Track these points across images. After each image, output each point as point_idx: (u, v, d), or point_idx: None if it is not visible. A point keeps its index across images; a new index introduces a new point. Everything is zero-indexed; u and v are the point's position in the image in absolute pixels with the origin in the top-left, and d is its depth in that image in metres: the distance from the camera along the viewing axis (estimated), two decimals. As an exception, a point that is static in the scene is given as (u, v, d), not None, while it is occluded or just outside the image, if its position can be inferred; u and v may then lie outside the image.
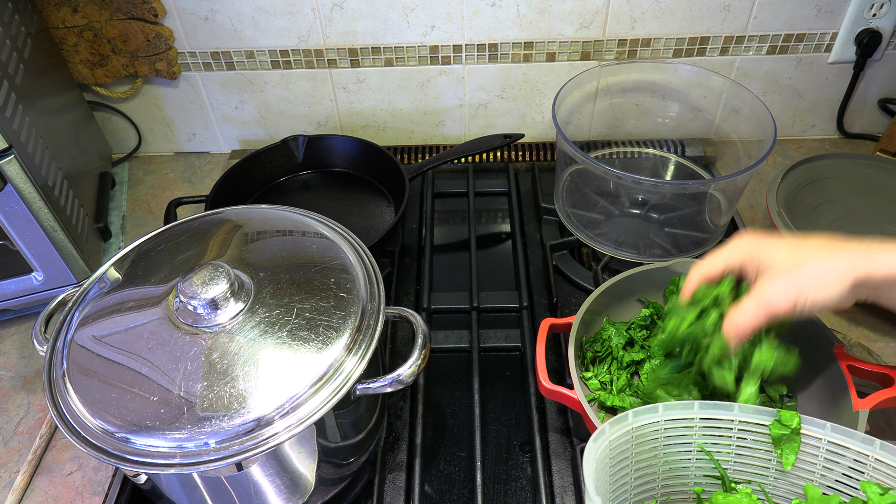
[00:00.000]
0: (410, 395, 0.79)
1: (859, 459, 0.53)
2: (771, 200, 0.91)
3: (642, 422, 0.54)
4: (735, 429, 0.56)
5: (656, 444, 0.56)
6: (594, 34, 1.01)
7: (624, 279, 0.77)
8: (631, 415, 0.54)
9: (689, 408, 0.55)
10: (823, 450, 0.55)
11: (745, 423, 0.56)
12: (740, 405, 0.56)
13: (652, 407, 0.54)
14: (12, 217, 0.78)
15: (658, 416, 0.54)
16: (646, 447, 0.55)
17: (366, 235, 0.92)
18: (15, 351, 0.86)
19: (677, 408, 0.55)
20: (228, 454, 0.52)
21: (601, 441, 0.51)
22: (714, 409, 0.56)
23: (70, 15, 0.96)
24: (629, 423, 0.54)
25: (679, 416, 0.55)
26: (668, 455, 0.57)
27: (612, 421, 0.53)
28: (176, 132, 1.15)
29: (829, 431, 0.54)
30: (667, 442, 0.56)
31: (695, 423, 0.56)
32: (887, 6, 0.96)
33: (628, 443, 0.54)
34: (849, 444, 0.54)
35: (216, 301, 0.58)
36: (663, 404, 0.55)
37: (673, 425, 0.55)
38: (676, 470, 0.57)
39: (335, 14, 0.98)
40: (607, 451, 0.52)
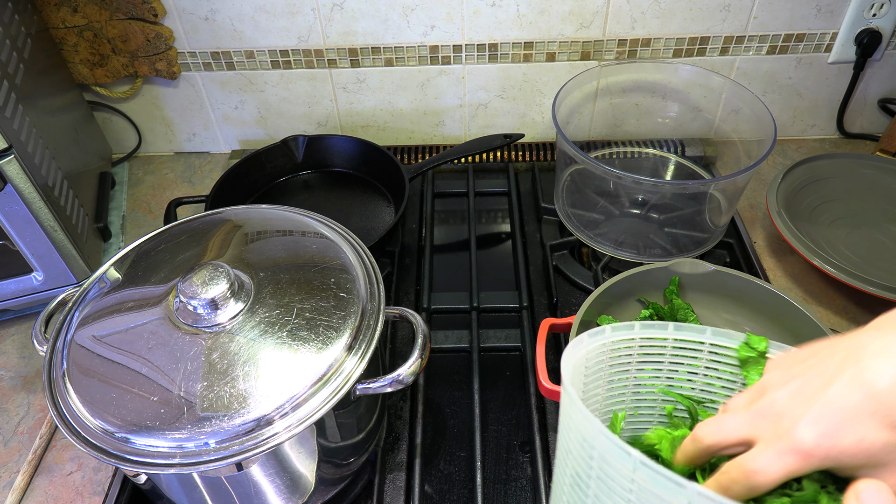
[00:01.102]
0: (410, 395, 0.79)
1: None
2: (771, 200, 0.91)
3: (618, 337, 0.55)
4: (706, 351, 0.57)
5: (630, 361, 0.57)
6: (594, 34, 1.01)
7: (624, 279, 0.77)
8: (609, 329, 0.55)
9: (664, 328, 0.56)
10: None
11: (715, 346, 0.57)
12: (713, 328, 0.57)
13: (629, 324, 0.56)
14: (12, 217, 0.78)
15: (634, 333, 0.56)
16: (620, 361, 0.57)
17: (366, 235, 0.92)
18: (15, 351, 0.86)
19: (653, 327, 0.56)
20: (228, 454, 0.52)
21: (580, 349, 0.53)
22: (687, 331, 0.57)
23: (70, 15, 0.96)
24: (606, 337, 0.55)
25: (654, 335, 0.56)
26: (640, 372, 0.58)
27: (591, 332, 0.54)
28: (176, 132, 1.15)
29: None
30: (640, 359, 0.57)
31: (668, 344, 0.57)
32: (887, 6, 0.96)
33: (603, 355, 0.55)
34: None
35: (216, 301, 0.58)
36: (640, 323, 0.56)
37: (647, 343, 0.57)
38: (646, 387, 0.59)
39: (335, 14, 0.98)
40: (583, 360, 0.53)
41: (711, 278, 0.77)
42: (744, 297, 0.77)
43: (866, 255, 0.88)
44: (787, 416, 0.40)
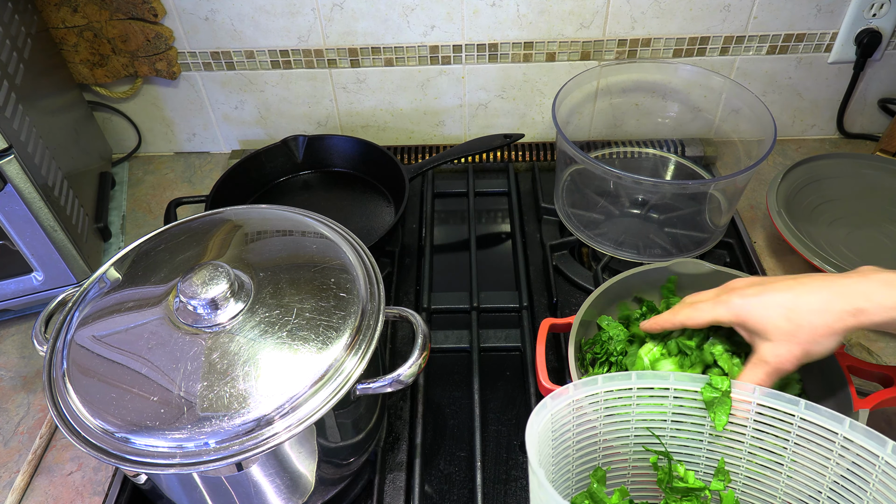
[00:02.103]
0: (410, 395, 0.79)
1: (785, 420, 0.55)
2: (771, 200, 0.91)
3: (581, 394, 0.56)
4: (671, 396, 0.58)
5: (596, 415, 0.57)
6: (594, 34, 1.01)
7: (624, 279, 0.77)
8: (571, 388, 0.55)
9: (628, 378, 0.57)
10: (753, 412, 0.56)
11: (680, 391, 0.57)
12: (675, 374, 0.57)
13: (592, 379, 0.56)
14: (12, 217, 0.78)
15: (598, 387, 0.56)
16: (586, 418, 0.57)
17: (366, 235, 0.92)
18: (15, 351, 0.86)
19: (617, 379, 0.57)
20: (228, 454, 0.52)
21: (543, 414, 0.53)
22: (651, 378, 0.57)
23: (70, 15, 0.96)
24: (569, 396, 0.55)
25: (618, 387, 0.57)
26: (608, 425, 0.58)
27: (553, 395, 0.54)
28: (176, 132, 1.15)
29: (758, 395, 0.56)
30: (606, 413, 0.58)
31: (633, 394, 0.57)
32: (887, 6, 0.96)
33: (569, 415, 0.55)
34: (777, 405, 0.55)
35: (216, 301, 0.58)
36: (602, 376, 0.56)
37: (612, 396, 0.57)
38: (616, 439, 0.59)
39: (335, 14, 0.98)
40: (549, 424, 0.54)
41: (711, 278, 0.77)
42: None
43: (866, 255, 0.88)
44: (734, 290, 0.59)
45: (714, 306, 0.60)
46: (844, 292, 0.54)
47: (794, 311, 0.55)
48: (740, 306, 0.58)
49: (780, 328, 0.56)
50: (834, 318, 0.54)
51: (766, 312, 0.56)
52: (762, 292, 0.58)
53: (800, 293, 0.56)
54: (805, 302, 0.55)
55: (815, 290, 0.55)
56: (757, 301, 0.57)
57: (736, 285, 0.61)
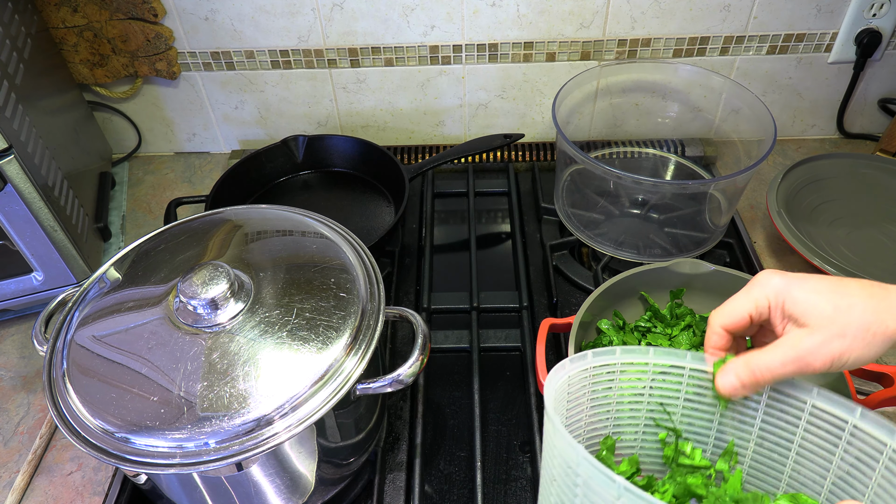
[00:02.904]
0: (410, 395, 0.79)
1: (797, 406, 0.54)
2: (771, 200, 0.91)
3: (600, 362, 0.56)
4: (686, 376, 0.57)
5: (611, 385, 0.57)
6: (594, 34, 1.01)
7: (624, 279, 0.77)
8: (590, 355, 0.55)
9: (645, 353, 0.57)
10: (765, 397, 0.55)
11: (694, 370, 0.57)
12: (692, 353, 0.57)
13: (610, 349, 0.56)
14: (12, 217, 0.78)
15: (615, 357, 0.56)
16: (602, 386, 0.57)
17: (366, 235, 0.92)
18: (15, 351, 0.86)
19: (634, 352, 0.57)
20: (228, 454, 0.52)
21: (561, 374, 0.53)
22: (668, 356, 0.57)
23: (70, 15, 0.96)
24: (588, 362, 0.55)
25: (635, 360, 0.57)
26: (621, 396, 0.58)
27: (573, 358, 0.54)
28: (176, 132, 1.15)
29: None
30: (621, 384, 0.58)
31: (649, 368, 0.57)
32: (887, 6, 0.96)
33: (585, 380, 0.55)
34: (789, 391, 0.54)
35: (216, 301, 0.58)
36: (620, 348, 0.56)
37: (628, 369, 0.57)
38: (629, 410, 0.59)
39: (335, 14, 0.98)
40: (566, 385, 0.54)
41: (711, 278, 0.77)
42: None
43: (866, 255, 0.88)
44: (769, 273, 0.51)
45: (748, 291, 0.51)
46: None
47: (843, 299, 0.46)
48: (781, 285, 0.49)
49: (824, 313, 0.46)
50: (889, 318, 0.46)
51: (809, 293, 0.47)
52: (802, 275, 0.49)
53: (848, 284, 0.47)
54: (855, 293, 0.46)
55: (866, 286, 0.47)
56: (800, 281, 0.48)
57: (766, 271, 0.52)
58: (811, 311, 0.47)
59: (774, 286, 0.50)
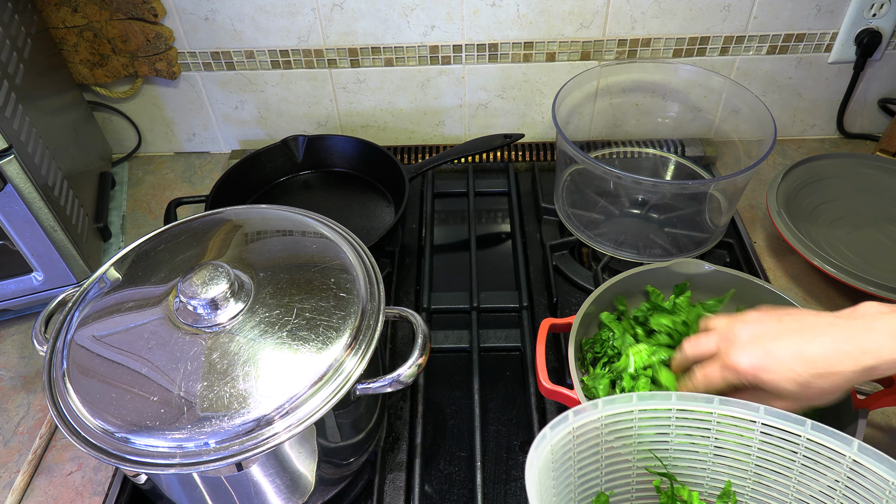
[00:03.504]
0: (410, 395, 0.79)
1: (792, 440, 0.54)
2: (771, 200, 0.91)
3: (582, 420, 0.54)
4: (673, 417, 0.57)
5: (597, 440, 0.56)
6: (594, 34, 1.01)
7: (624, 279, 0.77)
8: (571, 415, 0.54)
9: (628, 400, 0.56)
10: (759, 432, 0.55)
11: (682, 412, 0.57)
12: (677, 394, 0.57)
13: (592, 404, 0.55)
14: (12, 217, 0.78)
15: (598, 412, 0.55)
16: (588, 444, 0.56)
17: (366, 235, 0.92)
18: (15, 351, 0.86)
19: (616, 402, 0.55)
20: (228, 454, 0.52)
21: (543, 447, 0.51)
22: (653, 399, 0.56)
23: (70, 15, 0.96)
24: (570, 423, 0.54)
25: (619, 410, 0.56)
26: (609, 448, 0.57)
27: (552, 424, 0.53)
28: (176, 132, 1.15)
29: (763, 415, 0.55)
30: (608, 436, 0.57)
31: (634, 416, 0.56)
32: (887, 6, 0.96)
33: (570, 443, 0.54)
34: (782, 425, 0.54)
35: (216, 301, 0.58)
36: (602, 400, 0.55)
37: (612, 419, 0.56)
38: (619, 462, 0.58)
39: (335, 14, 0.98)
40: (549, 455, 0.52)
41: (711, 278, 0.77)
42: (744, 297, 0.77)
43: (866, 255, 0.88)
44: (739, 346, 0.58)
45: (723, 371, 0.59)
46: (853, 350, 0.53)
47: (802, 376, 0.55)
48: (749, 370, 0.57)
49: (789, 391, 0.56)
50: (843, 380, 0.54)
51: (773, 377, 0.56)
52: (767, 352, 0.57)
53: (805, 350, 0.55)
54: (815, 363, 0.54)
55: (823, 347, 0.55)
56: (764, 363, 0.56)
57: (740, 338, 0.59)
58: (778, 389, 0.56)
59: (743, 374, 0.58)
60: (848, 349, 0.53)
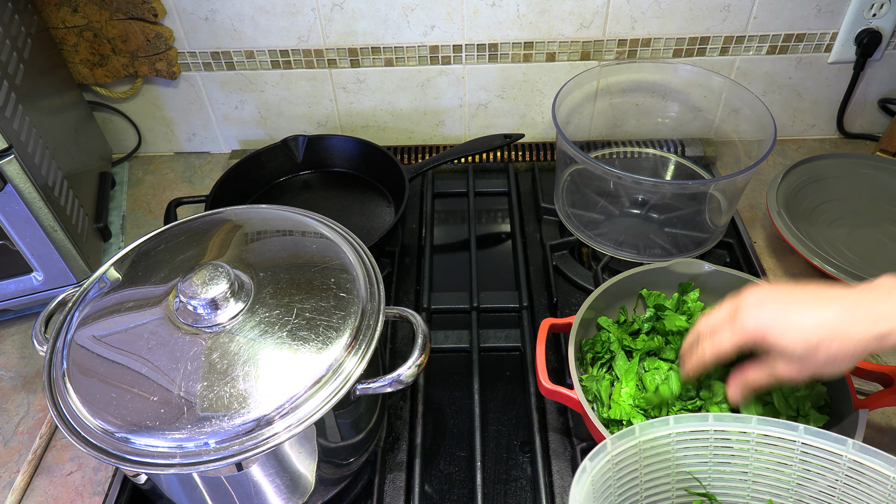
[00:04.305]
0: (410, 395, 0.79)
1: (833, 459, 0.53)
2: (771, 200, 0.91)
3: (621, 447, 0.54)
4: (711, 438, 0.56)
5: (636, 465, 0.55)
6: (594, 34, 1.01)
7: (624, 279, 0.77)
8: (609, 443, 0.53)
9: (665, 424, 0.55)
10: (799, 451, 0.55)
11: (720, 432, 0.56)
12: (714, 415, 0.56)
13: (629, 430, 0.54)
14: (12, 217, 0.78)
15: (636, 437, 0.54)
16: (627, 470, 0.55)
17: (366, 235, 0.92)
18: (15, 351, 0.86)
19: (654, 426, 0.55)
20: (228, 454, 0.52)
21: (584, 479, 0.50)
22: (690, 420, 0.56)
23: (70, 15, 0.96)
24: (608, 451, 0.53)
25: (657, 434, 0.55)
26: (648, 472, 0.56)
27: (592, 455, 0.52)
28: (176, 132, 1.15)
29: (802, 434, 0.54)
30: (646, 460, 0.56)
31: (671, 438, 0.56)
32: (887, 6, 0.96)
33: (609, 471, 0.53)
34: (823, 444, 0.54)
35: (216, 301, 0.58)
36: (639, 425, 0.54)
37: (650, 444, 0.55)
38: (658, 485, 0.57)
39: (335, 14, 0.98)
40: (590, 487, 0.51)
41: (711, 278, 0.77)
42: (744, 297, 0.77)
43: (866, 255, 0.88)
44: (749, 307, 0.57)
45: (732, 332, 0.57)
46: (866, 315, 0.52)
47: (812, 336, 0.53)
48: (757, 328, 0.56)
49: (797, 352, 0.54)
50: (855, 345, 0.52)
51: (783, 334, 0.54)
52: (779, 310, 0.55)
53: (819, 314, 0.53)
54: (825, 324, 0.53)
55: (835, 311, 0.53)
56: (773, 321, 0.55)
57: (749, 299, 0.58)
58: (785, 352, 0.55)
59: (751, 331, 0.56)
60: (861, 314, 0.52)
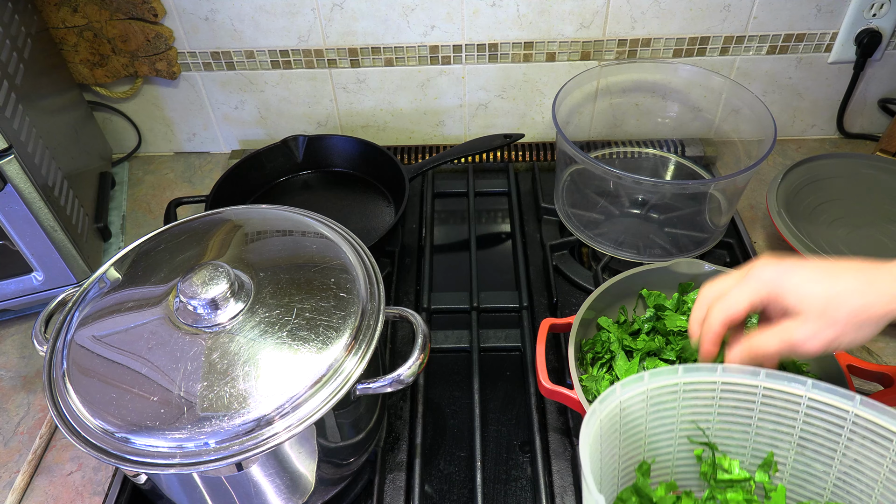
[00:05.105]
0: (410, 395, 0.79)
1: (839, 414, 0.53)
2: (771, 200, 0.91)
3: (629, 392, 0.54)
4: (717, 390, 0.56)
5: (642, 412, 0.56)
6: (594, 34, 1.01)
7: (624, 279, 0.77)
8: (618, 388, 0.53)
9: (674, 373, 0.55)
10: (804, 405, 0.54)
11: (727, 384, 0.56)
12: (723, 366, 0.55)
13: (638, 376, 0.54)
14: (12, 217, 0.78)
15: (644, 384, 0.54)
16: (633, 416, 0.56)
17: (366, 235, 0.92)
18: (15, 351, 0.86)
19: (662, 374, 0.55)
20: (228, 454, 0.52)
21: (593, 422, 0.51)
22: (698, 371, 0.55)
23: (70, 15, 0.96)
24: (617, 396, 0.53)
25: (665, 383, 0.55)
26: (653, 419, 0.57)
27: (601, 398, 0.53)
28: (176, 132, 1.15)
29: (810, 388, 0.53)
30: (652, 408, 0.56)
31: (679, 388, 0.56)
32: (887, 6, 0.96)
33: (617, 416, 0.54)
34: (829, 399, 0.53)
35: (216, 301, 0.58)
36: (649, 372, 0.54)
37: (658, 392, 0.55)
38: (662, 432, 0.58)
39: (335, 14, 0.98)
40: (598, 429, 0.52)
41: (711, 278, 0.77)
42: (744, 297, 0.77)
43: (866, 255, 0.87)
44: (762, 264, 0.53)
45: (743, 287, 0.53)
46: (889, 276, 0.48)
47: (833, 287, 0.49)
48: (773, 278, 0.52)
49: (816, 304, 0.49)
50: (876, 300, 0.48)
51: (800, 283, 0.50)
52: (795, 264, 0.52)
53: (839, 270, 0.50)
54: (845, 279, 0.49)
55: (856, 270, 0.50)
56: (790, 270, 0.51)
57: (762, 259, 0.54)
58: (803, 303, 0.50)
59: (768, 280, 0.52)
60: (884, 276, 0.49)
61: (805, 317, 0.50)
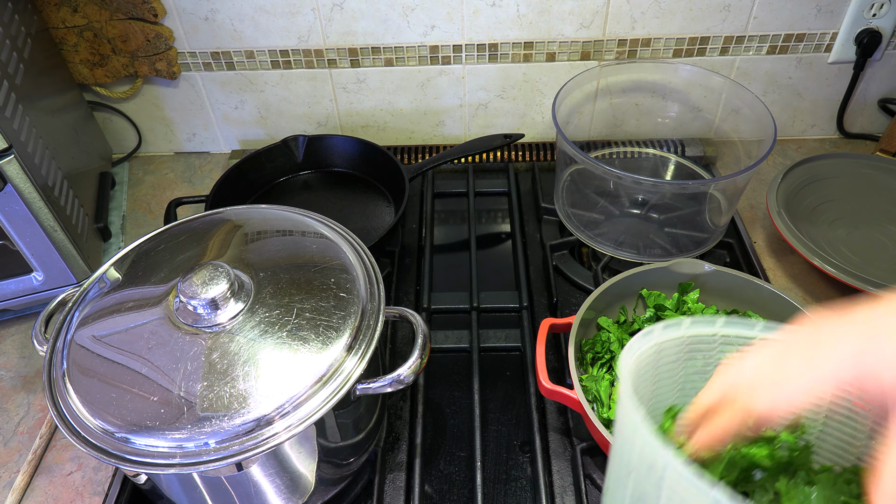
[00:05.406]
0: (410, 395, 0.79)
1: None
2: (771, 200, 0.91)
3: (668, 336, 0.53)
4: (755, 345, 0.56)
5: (676, 357, 0.56)
6: (594, 34, 1.01)
7: (624, 279, 0.77)
8: (658, 329, 0.52)
9: (712, 324, 0.54)
10: None
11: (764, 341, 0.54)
12: (764, 323, 0.54)
13: (676, 322, 0.54)
14: (12, 217, 0.78)
15: (682, 330, 0.54)
16: (668, 359, 0.55)
17: (366, 235, 0.92)
18: (15, 351, 0.86)
19: (701, 323, 0.54)
20: (228, 454, 0.52)
21: (633, 352, 0.49)
22: (736, 326, 0.54)
23: (70, 15, 0.96)
24: (655, 337, 0.53)
25: (703, 332, 0.54)
26: (686, 367, 0.57)
27: (643, 333, 0.52)
28: (176, 132, 1.15)
29: None
30: (688, 355, 0.56)
31: (716, 339, 0.55)
32: (887, 6, 0.96)
33: (652, 357, 0.54)
34: None
35: (216, 301, 0.58)
36: (689, 319, 0.54)
37: (694, 340, 0.55)
38: (693, 381, 0.57)
39: (335, 14, 0.98)
40: (636, 364, 0.51)
41: (711, 278, 0.77)
42: (744, 297, 0.77)
43: (866, 255, 0.88)
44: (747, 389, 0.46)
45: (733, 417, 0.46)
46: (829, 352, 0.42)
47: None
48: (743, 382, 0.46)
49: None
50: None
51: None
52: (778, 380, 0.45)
53: (787, 353, 0.45)
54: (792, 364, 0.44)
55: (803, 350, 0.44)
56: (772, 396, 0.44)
57: (739, 379, 0.47)
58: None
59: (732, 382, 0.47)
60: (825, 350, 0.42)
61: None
